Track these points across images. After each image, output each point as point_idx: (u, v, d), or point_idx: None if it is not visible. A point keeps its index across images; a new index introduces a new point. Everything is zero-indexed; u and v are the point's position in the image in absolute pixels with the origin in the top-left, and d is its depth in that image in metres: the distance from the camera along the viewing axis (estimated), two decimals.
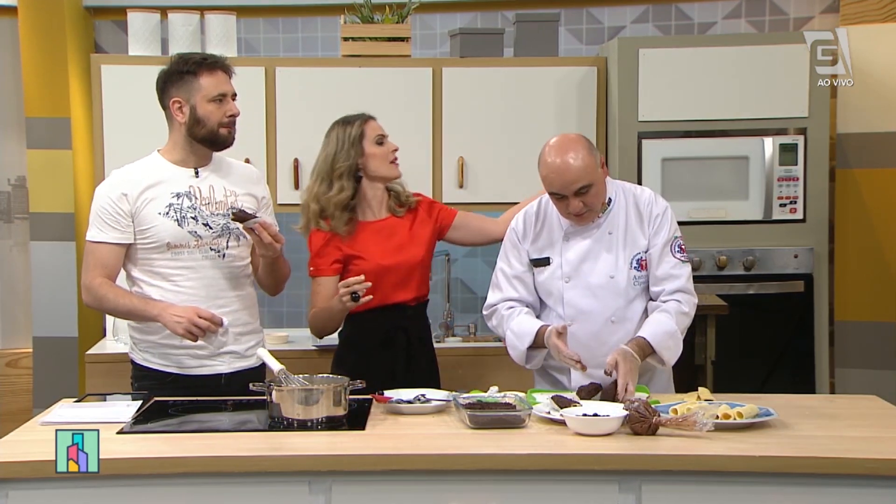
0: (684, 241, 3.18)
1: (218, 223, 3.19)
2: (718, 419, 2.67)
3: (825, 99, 4.24)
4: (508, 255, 3.25)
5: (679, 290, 3.10)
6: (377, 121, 3.52)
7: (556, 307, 3.17)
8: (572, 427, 2.63)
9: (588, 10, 4.92)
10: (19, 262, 4.97)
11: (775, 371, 4.29)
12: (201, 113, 3.14)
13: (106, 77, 4.34)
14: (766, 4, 4.82)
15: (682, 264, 3.13)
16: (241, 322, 3.26)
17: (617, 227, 3.14)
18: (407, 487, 2.50)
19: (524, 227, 3.24)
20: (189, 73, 3.14)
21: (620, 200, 3.17)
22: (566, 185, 3.01)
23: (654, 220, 3.13)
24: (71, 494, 2.47)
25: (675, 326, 3.05)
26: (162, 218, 3.14)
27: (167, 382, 3.18)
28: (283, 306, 4.99)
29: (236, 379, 3.20)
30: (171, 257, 3.15)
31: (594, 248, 3.14)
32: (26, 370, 4.81)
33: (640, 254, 3.13)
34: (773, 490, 2.48)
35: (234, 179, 3.28)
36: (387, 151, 3.45)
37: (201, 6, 4.50)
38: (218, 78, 3.16)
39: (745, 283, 4.26)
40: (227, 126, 3.18)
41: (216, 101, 3.15)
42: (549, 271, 3.17)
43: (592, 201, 3.06)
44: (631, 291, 3.13)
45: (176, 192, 3.17)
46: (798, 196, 4.26)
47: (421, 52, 4.89)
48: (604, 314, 3.12)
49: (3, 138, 4.94)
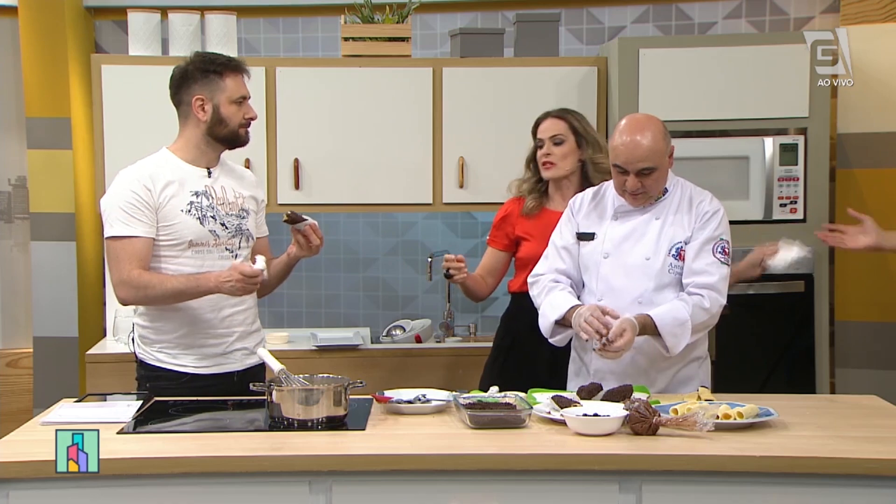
0: (730, 247, 3.18)
1: (232, 223, 3.21)
2: (719, 419, 2.67)
3: (825, 99, 4.23)
4: (562, 227, 3.33)
5: (708, 286, 3.10)
6: (552, 118, 3.68)
7: (590, 282, 3.22)
8: (573, 427, 2.64)
9: (588, 10, 4.92)
10: (20, 262, 4.97)
11: (776, 371, 4.29)
12: (224, 113, 3.16)
13: (106, 77, 4.34)
14: (766, 4, 4.82)
15: (720, 265, 3.14)
16: (249, 321, 3.28)
17: (665, 215, 3.18)
18: (407, 487, 2.50)
19: (580, 203, 3.32)
20: (215, 72, 3.16)
21: (676, 193, 3.21)
22: (631, 161, 3.07)
23: (702, 216, 3.17)
24: (71, 494, 2.46)
25: (688, 317, 3.05)
26: (185, 215, 3.13)
27: (183, 382, 3.17)
28: (283, 306, 4.99)
29: (248, 376, 3.20)
30: (192, 255, 3.15)
31: (638, 229, 3.19)
32: (27, 370, 4.82)
33: (681, 244, 3.16)
34: (774, 490, 2.48)
35: (240, 182, 3.30)
36: (541, 154, 3.61)
37: (202, 6, 4.50)
38: (240, 81, 3.20)
39: (746, 283, 4.25)
40: (246, 127, 3.23)
41: (237, 104, 3.18)
42: (592, 246, 3.23)
43: (651, 185, 3.11)
44: (664, 277, 3.14)
45: (195, 191, 3.17)
46: (798, 196, 4.26)
47: (421, 52, 4.90)
48: (633, 294, 3.14)
49: (4, 138, 4.94)
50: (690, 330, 3.06)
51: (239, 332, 3.24)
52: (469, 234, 4.98)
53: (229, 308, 3.18)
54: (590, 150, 3.59)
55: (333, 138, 4.42)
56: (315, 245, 3.23)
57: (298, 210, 3.22)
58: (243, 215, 3.25)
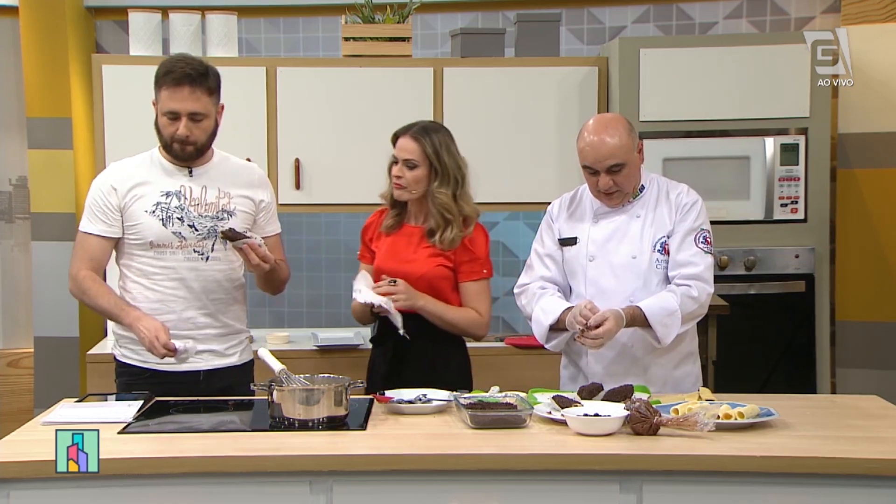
0: (711, 236, 3.18)
1: (204, 225, 3.17)
2: (719, 419, 2.67)
3: (826, 99, 4.24)
4: (542, 235, 3.31)
5: (694, 276, 3.10)
6: (408, 138, 3.35)
7: (578, 286, 3.21)
8: (573, 427, 2.63)
9: (589, 10, 4.92)
10: (20, 262, 4.98)
11: (776, 371, 4.29)
12: (159, 123, 3.14)
13: (107, 77, 4.34)
14: (767, 4, 4.82)
15: (704, 254, 3.13)
16: (220, 324, 3.23)
17: (645, 212, 3.18)
18: (408, 487, 2.50)
19: (559, 208, 3.31)
20: (156, 81, 3.11)
21: (653, 189, 3.21)
22: (599, 160, 3.07)
23: (681, 208, 3.16)
24: (72, 494, 2.46)
25: (677, 306, 3.05)
26: (147, 216, 3.14)
27: (144, 378, 3.16)
28: (283, 306, 4.99)
29: (214, 376, 3.20)
30: (153, 256, 3.15)
31: (620, 229, 3.18)
32: (27, 370, 4.82)
33: (665, 238, 3.16)
34: (775, 490, 2.48)
35: (232, 181, 3.24)
36: (395, 169, 3.35)
37: (202, 6, 4.50)
38: (176, 93, 3.06)
39: (747, 283, 4.26)
40: (180, 143, 3.11)
41: (167, 117, 3.10)
42: (576, 250, 3.22)
43: (623, 182, 3.11)
44: (652, 275, 3.14)
45: (166, 191, 3.16)
46: (799, 196, 4.26)
47: (422, 52, 4.90)
48: (623, 294, 3.13)
49: (5, 138, 4.94)
50: (680, 319, 3.06)
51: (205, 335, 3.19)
52: None
53: (192, 311, 3.16)
54: (436, 183, 3.30)
55: (334, 138, 4.42)
56: (255, 265, 3.11)
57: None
58: (222, 217, 3.19)
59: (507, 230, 4.96)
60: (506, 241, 4.96)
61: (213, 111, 3.15)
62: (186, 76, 3.05)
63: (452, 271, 3.35)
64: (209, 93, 3.11)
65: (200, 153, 3.17)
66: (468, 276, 3.36)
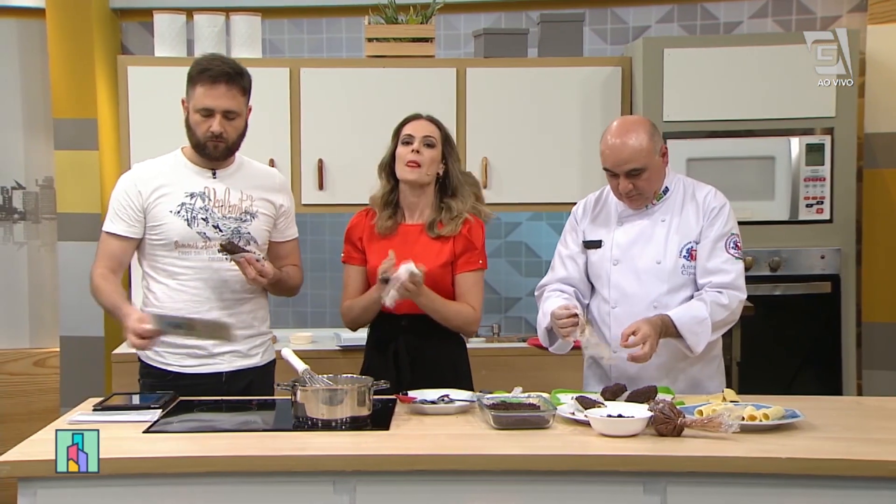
0: (741, 239, 3.15)
1: (228, 226, 3.19)
2: (744, 420, 2.66)
3: (852, 98, 4.20)
4: (566, 237, 3.30)
5: (726, 285, 3.07)
6: (424, 120, 3.40)
7: (602, 290, 3.20)
8: (597, 428, 2.63)
9: (613, 9, 4.90)
10: (47, 262, 5.01)
11: (801, 372, 4.27)
12: (191, 121, 3.15)
13: (132, 78, 4.37)
14: (792, 3, 4.78)
15: (735, 261, 3.11)
16: (245, 324, 3.24)
17: (671, 215, 3.16)
18: (431, 488, 2.50)
19: (583, 210, 3.29)
20: (191, 78, 3.13)
21: (679, 191, 3.18)
22: (618, 163, 3.05)
23: (709, 213, 3.13)
24: (97, 493, 2.48)
25: (707, 314, 3.03)
26: (172, 216, 3.16)
27: (168, 380, 3.18)
28: (307, 307, 5.00)
29: (237, 377, 3.21)
30: (178, 256, 3.17)
31: (645, 233, 3.16)
32: (53, 369, 4.85)
33: (691, 243, 3.13)
34: (800, 492, 2.46)
35: (253, 184, 3.26)
36: (406, 152, 3.33)
37: (227, 7, 4.52)
38: (212, 91, 3.09)
39: (772, 284, 4.23)
40: (213, 141, 3.13)
41: (201, 114, 3.12)
42: (600, 253, 3.20)
43: (643, 185, 3.09)
44: (677, 279, 3.12)
45: (190, 192, 3.18)
46: (825, 196, 4.23)
47: (445, 52, 4.90)
48: (647, 298, 3.11)
49: (31, 139, 4.98)
50: (710, 327, 3.03)
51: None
52: (492, 234, 4.97)
53: (217, 311, 3.17)
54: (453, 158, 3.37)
55: (357, 139, 4.42)
56: (252, 278, 3.10)
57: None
58: (245, 219, 3.21)
59: (530, 231, 4.95)
60: (528, 242, 4.95)
61: (245, 111, 3.19)
62: (224, 74, 3.10)
63: (451, 264, 3.34)
64: (243, 92, 3.16)
65: (231, 152, 3.20)
66: (465, 267, 3.33)
